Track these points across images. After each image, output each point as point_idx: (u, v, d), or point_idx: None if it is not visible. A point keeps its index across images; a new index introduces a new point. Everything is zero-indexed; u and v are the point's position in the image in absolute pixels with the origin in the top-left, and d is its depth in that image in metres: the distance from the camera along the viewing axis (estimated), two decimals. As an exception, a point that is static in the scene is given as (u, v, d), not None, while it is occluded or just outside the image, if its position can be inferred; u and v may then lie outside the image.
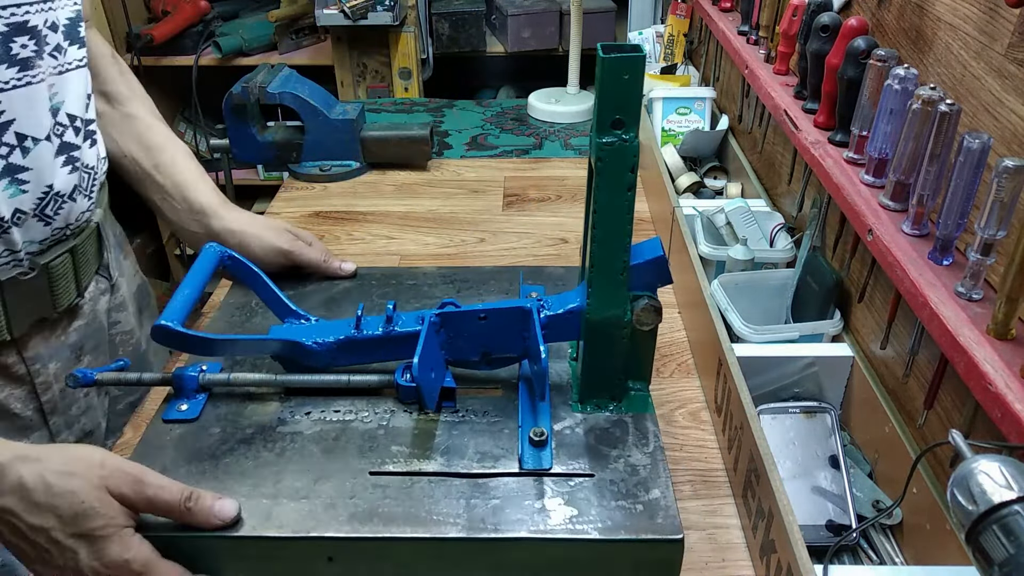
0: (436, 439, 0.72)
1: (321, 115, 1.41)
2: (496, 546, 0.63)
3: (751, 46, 1.26)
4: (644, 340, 0.74)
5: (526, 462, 0.69)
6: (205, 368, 0.77)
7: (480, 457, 0.70)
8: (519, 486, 0.67)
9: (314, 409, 0.76)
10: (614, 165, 0.64)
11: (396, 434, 0.73)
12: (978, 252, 0.67)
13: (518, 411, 0.75)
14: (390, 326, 0.76)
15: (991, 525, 0.48)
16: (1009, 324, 0.64)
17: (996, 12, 0.73)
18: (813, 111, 1.00)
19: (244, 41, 2.39)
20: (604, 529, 0.63)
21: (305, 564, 0.65)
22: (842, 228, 0.97)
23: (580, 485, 0.67)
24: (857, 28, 0.91)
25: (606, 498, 0.66)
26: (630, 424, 0.74)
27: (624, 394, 0.76)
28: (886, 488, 0.83)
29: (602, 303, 0.71)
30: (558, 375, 0.80)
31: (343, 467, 0.69)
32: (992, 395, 0.60)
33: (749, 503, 0.74)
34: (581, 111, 1.74)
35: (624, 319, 0.71)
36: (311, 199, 1.41)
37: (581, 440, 0.72)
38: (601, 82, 0.61)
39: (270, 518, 0.64)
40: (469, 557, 0.64)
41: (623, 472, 0.68)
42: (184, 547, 0.64)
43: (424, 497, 0.66)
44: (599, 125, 0.63)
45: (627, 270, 0.69)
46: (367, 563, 0.65)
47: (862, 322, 0.93)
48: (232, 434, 0.73)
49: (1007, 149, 0.71)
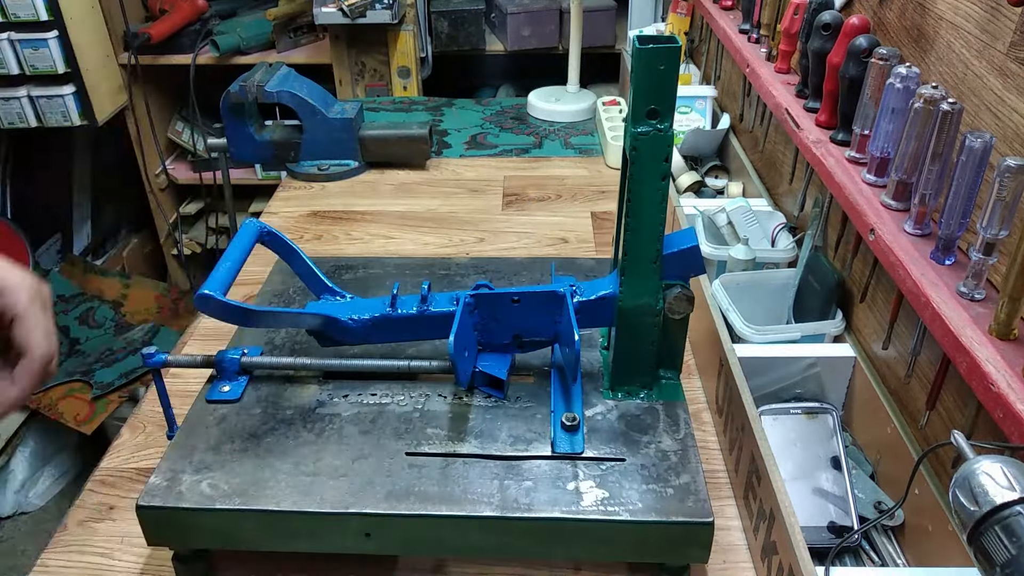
0: (470, 423, 0.74)
1: (319, 114, 1.41)
2: (529, 525, 0.65)
3: (752, 44, 1.25)
4: (676, 329, 0.75)
5: (558, 446, 0.71)
6: (247, 351, 0.79)
7: (513, 440, 0.71)
8: (551, 469, 0.69)
9: (351, 392, 0.77)
10: (649, 154, 0.66)
11: (431, 417, 0.74)
12: (980, 252, 0.67)
13: (550, 397, 0.76)
14: (424, 305, 0.77)
15: (993, 526, 0.48)
16: (1011, 324, 0.64)
17: (998, 11, 0.72)
18: (815, 110, 1.00)
19: (242, 40, 2.38)
20: (635, 511, 0.65)
21: (344, 540, 0.67)
22: (844, 228, 0.96)
23: (611, 469, 0.69)
24: (859, 27, 0.91)
25: (637, 482, 0.67)
26: (661, 411, 0.75)
27: (655, 382, 0.78)
28: (888, 489, 0.83)
29: (634, 291, 0.72)
30: (589, 363, 0.81)
31: (380, 448, 0.71)
32: (994, 395, 0.60)
33: (750, 504, 0.74)
34: (581, 110, 1.74)
35: (656, 307, 0.72)
36: (309, 198, 1.40)
37: (612, 426, 0.73)
38: (637, 72, 0.62)
39: (310, 494, 0.66)
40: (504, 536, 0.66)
41: (654, 457, 0.70)
42: (224, 522, 0.66)
43: (459, 477, 0.68)
44: (634, 115, 0.64)
45: (660, 259, 0.70)
46: (403, 541, 0.67)
47: (864, 322, 0.93)
48: (273, 415, 0.75)
49: (1009, 148, 0.71)
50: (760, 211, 1.20)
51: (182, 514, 0.66)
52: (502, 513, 0.65)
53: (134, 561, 0.74)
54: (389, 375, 0.79)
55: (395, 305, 0.78)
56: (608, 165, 1.52)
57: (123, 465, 0.85)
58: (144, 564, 0.74)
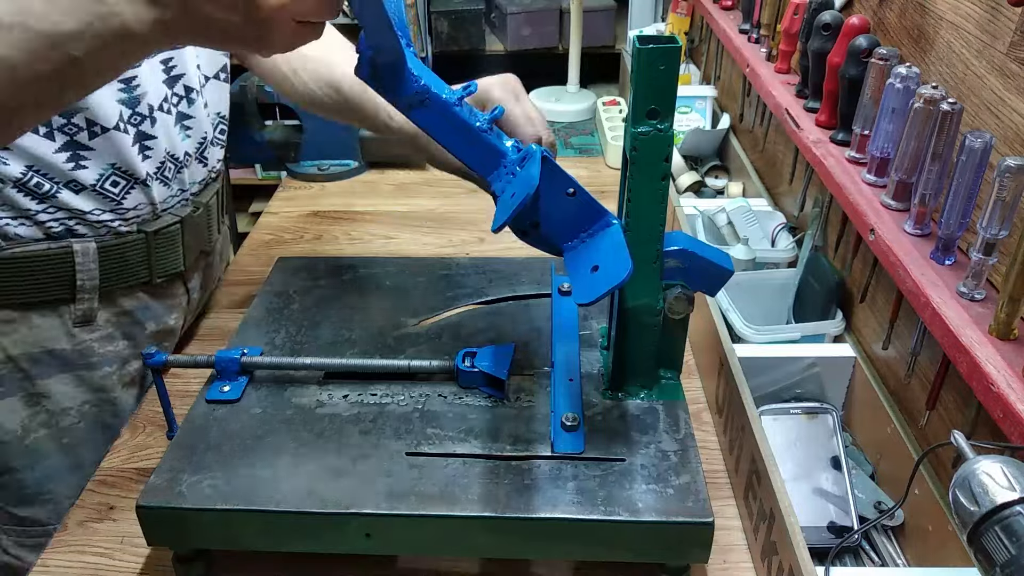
0: (470, 423, 0.74)
1: (320, 114, 1.41)
2: (529, 526, 0.65)
3: (752, 45, 1.25)
4: (676, 329, 0.75)
5: (558, 446, 0.70)
6: (246, 351, 0.79)
7: (513, 440, 0.71)
8: (551, 469, 0.69)
9: (351, 392, 0.77)
10: (649, 154, 0.65)
11: (431, 417, 0.74)
12: (980, 252, 0.67)
13: (550, 397, 0.76)
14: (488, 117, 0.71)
15: (993, 526, 0.48)
16: (1011, 324, 0.64)
17: (998, 11, 0.72)
18: (815, 110, 1.00)
19: (243, 40, 2.37)
20: (635, 511, 0.65)
21: (344, 540, 0.67)
22: (844, 228, 0.96)
23: (611, 469, 0.69)
24: (859, 27, 0.91)
25: (637, 482, 0.67)
26: (661, 411, 0.75)
27: (655, 382, 0.77)
28: (888, 489, 0.83)
29: (635, 291, 0.72)
30: (589, 363, 0.81)
31: (380, 448, 0.71)
32: (994, 395, 0.60)
33: (750, 504, 0.74)
34: (581, 110, 1.74)
35: (656, 307, 0.72)
36: (309, 199, 1.40)
37: (612, 426, 0.73)
38: (637, 72, 0.62)
39: (310, 495, 0.66)
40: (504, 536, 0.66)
41: (654, 457, 0.70)
42: (224, 522, 0.66)
43: (459, 477, 0.68)
44: (634, 115, 0.64)
45: (660, 259, 0.70)
46: (404, 541, 0.67)
47: (864, 322, 0.93)
48: (273, 415, 0.75)
49: (1009, 148, 0.71)
50: (760, 211, 1.20)
51: (182, 514, 0.66)
52: (502, 513, 0.65)
53: (134, 561, 0.74)
54: (389, 375, 0.79)
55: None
56: (608, 165, 1.52)
57: (123, 465, 0.85)
58: (144, 564, 0.74)
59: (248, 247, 1.26)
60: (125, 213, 0.85)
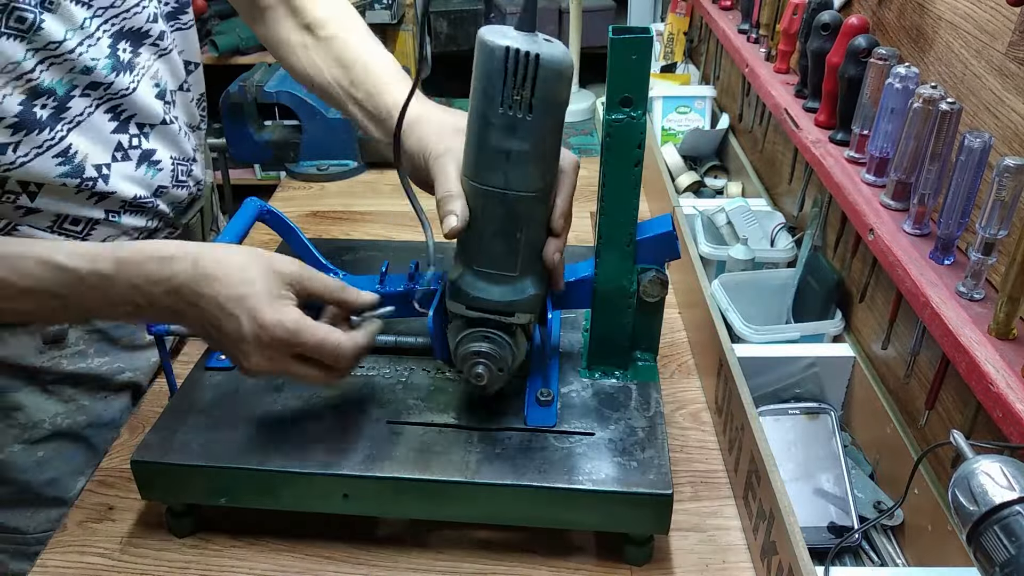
0: (450, 396, 0.77)
1: (319, 114, 1.41)
2: (496, 491, 0.68)
3: (751, 45, 1.25)
4: (651, 312, 0.77)
5: (532, 419, 0.74)
6: None
7: (489, 413, 0.75)
8: (522, 440, 0.72)
9: None
10: (622, 141, 0.68)
11: (414, 389, 0.78)
12: (979, 252, 0.67)
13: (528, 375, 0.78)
14: (412, 283, 0.80)
15: (992, 526, 0.48)
16: (1010, 324, 0.64)
17: (997, 11, 0.72)
18: (814, 110, 1.00)
19: (241, 40, 2.38)
20: (598, 481, 0.68)
21: (324, 499, 0.71)
22: (843, 228, 0.96)
23: (580, 442, 0.72)
24: (858, 27, 0.91)
25: (603, 454, 0.71)
26: (634, 390, 0.78)
27: (631, 363, 0.80)
28: (887, 489, 0.83)
29: (610, 274, 0.74)
30: (571, 344, 0.84)
31: (364, 415, 0.75)
32: (993, 395, 0.60)
33: (750, 504, 0.74)
34: (581, 109, 1.74)
35: (630, 290, 0.75)
36: (308, 199, 1.40)
37: (586, 403, 0.77)
38: (611, 62, 0.65)
39: (294, 455, 0.70)
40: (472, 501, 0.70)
41: (622, 432, 0.73)
42: (212, 478, 0.70)
43: (434, 445, 0.72)
44: (609, 103, 0.67)
45: (634, 243, 0.72)
46: (379, 503, 0.71)
47: (863, 322, 0.93)
48: (266, 383, 0.79)
49: (1008, 148, 0.71)
50: (759, 211, 1.20)
51: (173, 469, 0.70)
52: (471, 479, 0.68)
53: (134, 561, 0.74)
54: (377, 349, 0.80)
55: (383, 282, 0.80)
56: (607, 165, 1.51)
57: (123, 465, 0.84)
58: (144, 564, 0.74)
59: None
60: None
